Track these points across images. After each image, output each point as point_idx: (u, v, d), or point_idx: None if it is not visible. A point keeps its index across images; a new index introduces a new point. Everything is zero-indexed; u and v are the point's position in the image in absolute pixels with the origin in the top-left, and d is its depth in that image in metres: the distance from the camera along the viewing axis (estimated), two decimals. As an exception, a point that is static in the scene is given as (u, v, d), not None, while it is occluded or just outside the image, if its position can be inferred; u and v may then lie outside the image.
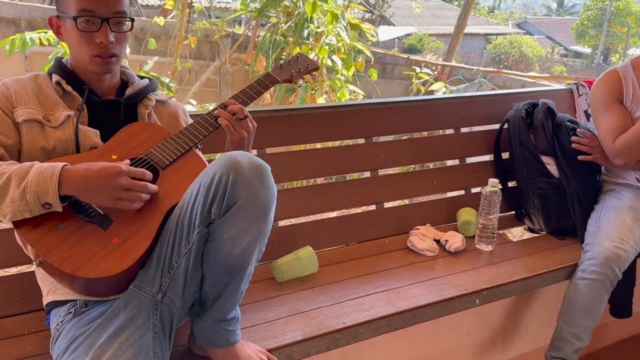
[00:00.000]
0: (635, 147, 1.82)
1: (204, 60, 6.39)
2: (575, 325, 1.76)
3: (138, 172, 1.17)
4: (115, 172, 1.13)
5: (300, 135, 1.89)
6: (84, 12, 1.23)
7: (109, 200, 1.13)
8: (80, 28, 1.24)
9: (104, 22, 1.24)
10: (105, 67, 1.29)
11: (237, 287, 1.19)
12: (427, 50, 18.52)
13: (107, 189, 1.12)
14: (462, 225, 1.99)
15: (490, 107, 2.22)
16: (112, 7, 1.25)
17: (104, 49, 1.26)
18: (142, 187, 1.15)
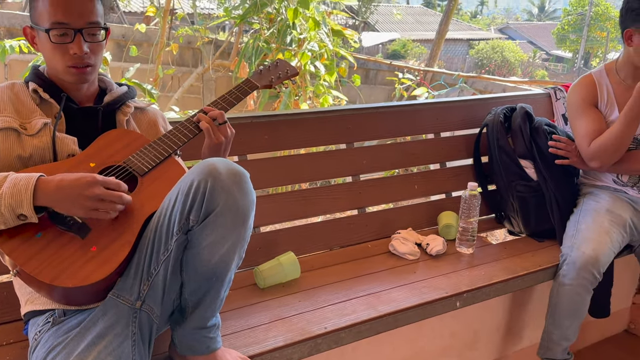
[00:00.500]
0: (609, 150, 1.86)
1: (186, 66, 6.37)
2: (561, 327, 1.81)
3: (113, 183, 1.15)
4: (89, 182, 1.12)
5: (282, 141, 1.89)
6: (57, 25, 1.22)
7: (83, 211, 1.12)
8: (54, 40, 1.23)
9: (77, 33, 1.23)
10: (81, 77, 1.28)
11: (217, 294, 1.19)
12: (411, 55, 18.67)
13: (81, 199, 1.11)
14: (443, 229, 2.01)
15: (469, 112, 2.25)
16: (86, 17, 1.24)
17: (78, 59, 1.25)
18: (117, 198, 1.14)
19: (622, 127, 1.81)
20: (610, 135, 1.84)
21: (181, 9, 5.67)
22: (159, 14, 4.84)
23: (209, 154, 1.36)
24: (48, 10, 1.22)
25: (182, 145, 1.33)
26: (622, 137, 1.82)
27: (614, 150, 1.85)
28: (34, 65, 1.38)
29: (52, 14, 1.22)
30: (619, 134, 1.82)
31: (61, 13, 1.22)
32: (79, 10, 1.24)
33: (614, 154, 1.86)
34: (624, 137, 1.82)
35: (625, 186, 1.98)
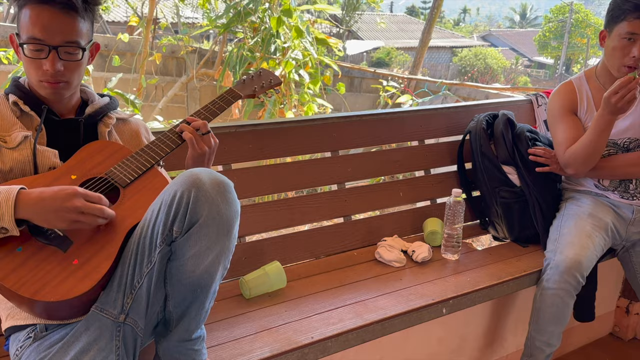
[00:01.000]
0: (580, 159, 1.88)
1: (170, 76, 6.36)
2: (545, 333, 1.82)
3: (94, 196, 1.14)
4: (70, 194, 1.11)
5: (266, 150, 1.89)
6: (32, 40, 1.21)
7: (64, 223, 1.11)
8: (27, 54, 1.22)
9: (52, 51, 1.21)
10: (53, 92, 1.27)
11: (201, 306, 1.18)
12: (395, 63, 18.82)
13: (61, 212, 1.10)
14: (428, 236, 2.02)
15: (452, 119, 2.26)
16: (63, 36, 1.22)
17: (51, 76, 1.23)
18: (98, 211, 1.13)
19: (592, 136, 1.84)
20: (581, 144, 1.87)
21: (164, 18, 5.66)
22: (142, 24, 4.82)
23: (193, 164, 1.35)
24: (27, 23, 1.21)
25: (164, 155, 1.32)
26: (593, 146, 1.84)
27: (585, 159, 1.87)
28: (14, 77, 1.36)
29: (30, 28, 1.21)
30: (590, 143, 1.84)
31: (38, 29, 1.20)
32: (58, 28, 1.21)
33: (586, 162, 1.88)
34: (594, 146, 1.84)
35: (606, 190, 2.00)
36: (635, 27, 1.79)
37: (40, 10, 1.20)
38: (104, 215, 1.14)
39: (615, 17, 1.84)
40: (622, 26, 1.81)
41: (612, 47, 1.86)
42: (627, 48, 1.82)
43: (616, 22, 1.84)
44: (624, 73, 1.83)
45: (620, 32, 1.82)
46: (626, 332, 2.51)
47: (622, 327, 2.52)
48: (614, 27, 1.85)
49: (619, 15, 1.82)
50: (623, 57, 1.83)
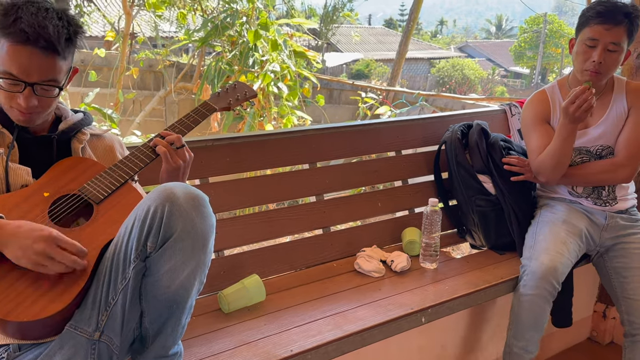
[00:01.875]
0: (548, 167, 1.92)
1: (148, 90, 6.33)
2: (522, 339, 1.83)
3: (69, 244, 1.10)
4: (43, 237, 1.08)
5: (243, 163, 1.89)
6: (8, 75, 1.18)
7: (29, 264, 1.08)
8: (3, 86, 1.19)
9: (28, 87, 1.19)
10: (25, 120, 1.25)
11: (178, 322, 1.17)
12: (374, 74, 18.98)
13: (29, 252, 1.07)
14: (407, 245, 2.03)
15: (428, 130, 2.29)
16: (41, 75, 1.19)
17: (22, 109, 1.21)
18: (69, 261, 1.09)
19: (557, 145, 1.88)
20: (548, 152, 1.91)
21: (141, 32, 5.64)
22: (118, 38, 4.80)
23: (167, 178, 1.35)
24: (4, 57, 1.17)
25: (138, 170, 1.32)
26: (559, 154, 1.88)
27: (552, 166, 1.91)
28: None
29: (7, 63, 1.17)
30: (556, 151, 1.88)
31: (16, 66, 1.17)
32: (36, 67, 1.18)
33: (554, 170, 1.92)
34: (560, 154, 1.88)
35: (580, 197, 2.04)
36: (596, 32, 1.84)
37: (19, 48, 1.16)
38: (74, 266, 1.10)
39: (580, 25, 1.90)
40: (585, 32, 1.87)
41: (576, 53, 1.92)
42: (588, 53, 1.87)
43: (581, 29, 1.90)
44: (587, 77, 1.88)
45: (583, 38, 1.88)
46: (604, 336, 2.55)
47: (600, 332, 2.56)
48: (579, 34, 1.91)
49: (584, 22, 1.88)
50: (584, 61, 1.88)
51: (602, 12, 1.83)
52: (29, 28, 1.15)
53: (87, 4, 8.96)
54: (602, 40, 1.83)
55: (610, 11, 1.82)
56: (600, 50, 1.84)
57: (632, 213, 2.04)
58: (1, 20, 1.17)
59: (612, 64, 1.87)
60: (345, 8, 17.17)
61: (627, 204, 2.03)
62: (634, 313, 1.90)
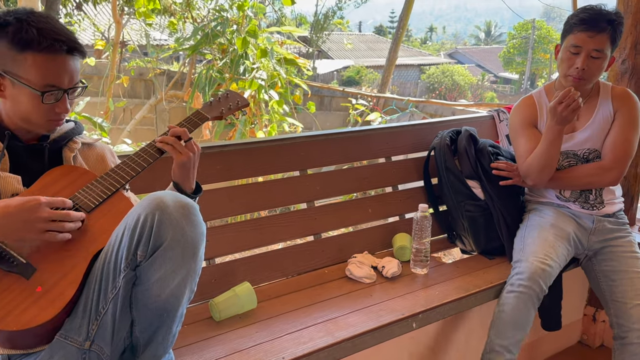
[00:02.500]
0: (536, 170, 1.94)
1: (138, 98, 6.32)
2: (504, 337, 1.81)
3: (58, 201, 1.15)
4: (34, 206, 1.11)
5: (234, 171, 1.90)
6: (51, 87, 1.23)
7: (35, 234, 1.11)
8: (46, 102, 1.23)
9: (64, 94, 1.26)
10: (54, 128, 1.31)
11: (169, 330, 1.17)
12: (365, 81, 19.06)
13: (30, 224, 1.10)
14: (397, 251, 2.04)
15: (418, 136, 2.31)
16: (73, 80, 1.27)
17: (60, 116, 1.27)
18: (65, 216, 1.14)
19: (544, 147, 1.91)
20: (535, 155, 1.94)
21: (132, 41, 5.64)
22: (108, 47, 4.80)
23: (179, 171, 1.36)
24: (42, 71, 1.22)
25: (130, 179, 1.32)
26: (546, 156, 1.91)
27: (540, 169, 1.93)
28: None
29: (46, 77, 1.22)
30: (543, 154, 1.91)
31: (56, 77, 1.23)
32: (69, 72, 1.26)
33: (542, 172, 1.94)
34: (547, 156, 1.91)
35: (567, 201, 2.06)
36: (579, 40, 1.87)
37: (54, 58, 1.22)
38: (71, 218, 1.14)
39: (565, 31, 1.94)
40: (570, 39, 1.90)
41: (561, 59, 1.95)
42: (571, 60, 1.90)
43: (565, 36, 1.93)
44: (570, 82, 1.91)
45: (567, 45, 1.91)
46: (594, 339, 2.57)
47: (590, 335, 2.57)
48: (563, 41, 1.94)
49: (568, 29, 1.92)
50: (568, 68, 1.92)
51: (586, 20, 1.86)
52: (58, 36, 1.22)
53: (77, 12, 8.94)
54: (585, 48, 1.86)
55: (593, 19, 1.85)
56: (583, 57, 1.87)
57: (619, 217, 2.06)
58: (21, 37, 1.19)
59: (595, 70, 1.90)
60: (335, 16, 17.27)
61: (614, 208, 2.06)
62: (623, 316, 1.92)
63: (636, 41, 2.34)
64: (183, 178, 1.37)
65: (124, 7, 5.39)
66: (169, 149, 1.35)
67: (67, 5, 8.02)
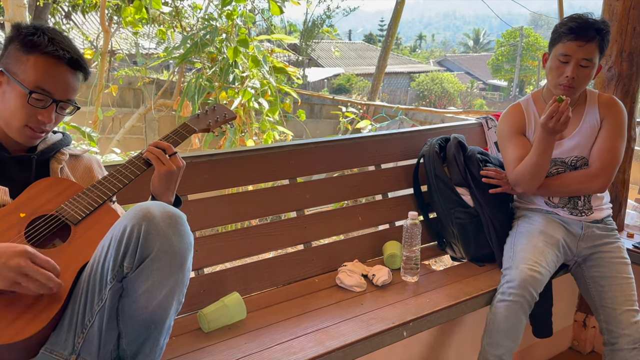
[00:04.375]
0: (527, 178, 1.95)
1: (127, 107, 6.30)
2: (497, 347, 1.82)
3: (43, 260, 1.08)
4: (16, 253, 1.06)
5: (223, 180, 1.89)
6: (41, 90, 1.23)
7: (3, 282, 1.05)
8: (31, 102, 1.23)
9: (53, 103, 1.25)
10: (31, 140, 1.29)
11: (156, 342, 1.16)
12: (355, 89, 19.13)
13: (4, 270, 1.04)
14: (388, 259, 2.04)
15: (407, 144, 2.31)
16: (68, 94, 1.27)
17: (40, 125, 1.26)
18: (43, 277, 1.07)
19: (535, 157, 1.91)
20: (526, 164, 1.94)
21: (120, 50, 5.62)
22: (97, 56, 4.78)
23: (159, 184, 1.34)
24: (38, 73, 1.23)
25: (117, 191, 1.31)
26: (537, 166, 1.92)
27: (530, 177, 1.94)
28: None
29: (42, 79, 1.23)
30: (534, 163, 1.92)
31: (51, 83, 1.24)
32: (66, 85, 1.26)
33: (532, 181, 1.95)
34: (538, 166, 1.92)
35: (556, 207, 2.07)
36: (568, 49, 1.88)
37: (57, 65, 1.24)
38: (49, 283, 1.07)
39: (553, 40, 1.95)
40: (558, 48, 1.91)
41: (550, 68, 1.96)
42: (561, 68, 1.91)
43: (554, 45, 1.94)
44: (560, 91, 1.93)
45: (556, 54, 1.92)
46: (585, 345, 2.57)
47: (581, 341, 2.58)
48: (552, 49, 1.95)
49: (556, 38, 1.93)
50: (558, 76, 1.93)
51: (574, 29, 1.87)
52: (68, 48, 1.26)
53: (66, 21, 8.91)
54: (574, 57, 1.88)
55: (582, 28, 1.87)
56: (573, 66, 1.88)
57: (607, 223, 2.07)
58: (32, 40, 1.23)
59: (584, 78, 1.91)
60: (324, 24, 17.34)
61: (602, 214, 2.07)
62: (613, 322, 1.92)
63: (621, 49, 2.37)
64: (162, 191, 1.35)
65: (112, 16, 5.38)
66: (152, 159, 1.34)
67: (56, 14, 7.99)
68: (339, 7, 17.70)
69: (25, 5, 3.60)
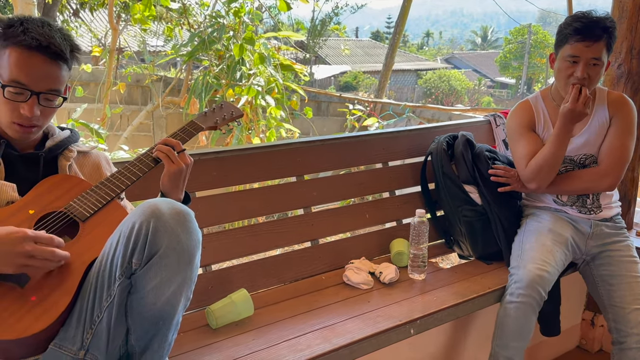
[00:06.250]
0: (544, 170, 1.94)
1: (135, 105, 6.32)
2: (508, 348, 1.82)
3: (45, 238, 1.10)
4: (19, 238, 1.07)
5: (230, 177, 1.89)
6: (15, 83, 1.20)
7: (11, 267, 1.07)
8: (7, 96, 1.20)
9: (33, 96, 1.21)
10: (23, 136, 1.27)
11: (164, 338, 1.16)
12: (362, 86, 19.11)
13: (10, 256, 1.06)
14: (395, 256, 2.03)
15: (414, 141, 2.31)
16: (47, 84, 1.22)
17: (26, 120, 1.23)
18: (49, 254, 1.08)
19: (553, 148, 1.91)
20: (543, 156, 1.93)
21: (128, 47, 5.64)
22: (105, 54, 4.80)
23: (169, 182, 1.34)
24: (12, 65, 1.19)
25: (125, 188, 1.31)
26: (554, 157, 1.91)
27: (548, 169, 1.93)
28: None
29: (15, 71, 1.19)
30: (551, 154, 1.91)
31: (24, 74, 1.19)
32: (43, 74, 1.21)
33: (549, 174, 1.94)
34: (555, 157, 1.91)
35: (564, 205, 2.06)
36: (576, 50, 1.87)
37: (30, 55, 1.19)
38: (55, 258, 1.09)
39: (560, 41, 1.93)
40: (566, 49, 1.90)
41: (558, 69, 1.94)
42: (570, 69, 1.90)
43: (560, 46, 1.92)
44: None
45: (564, 55, 1.91)
46: (593, 344, 2.56)
47: (589, 340, 2.57)
48: (559, 50, 1.94)
49: (562, 39, 1.91)
50: (567, 77, 1.91)
51: (581, 29, 1.85)
52: (40, 36, 1.19)
53: (74, 19, 8.95)
54: (583, 57, 1.86)
55: (588, 28, 1.84)
56: (582, 66, 1.87)
57: (616, 221, 2.06)
58: (7, 32, 1.20)
59: (594, 77, 1.90)
60: (332, 21, 17.33)
61: (611, 212, 2.05)
62: (621, 321, 1.91)
63: (631, 46, 2.35)
64: (171, 189, 1.36)
65: (120, 14, 5.40)
66: (162, 157, 1.34)
67: (64, 12, 8.03)
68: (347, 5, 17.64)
69: (34, 3, 3.61)
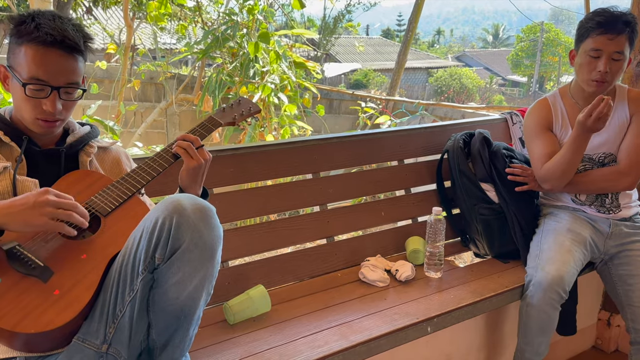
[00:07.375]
0: (558, 173, 1.93)
1: (149, 102, 6.35)
2: (533, 344, 1.86)
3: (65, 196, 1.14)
4: (41, 192, 1.11)
5: (247, 174, 1.90)
6: (35, 80, 1.21)
7: (42, 218, 1.09)
8: (29, 94, 1.22)
9: (53, 91, 1.23)
10: (48, 130, 1.28)
11: (185, 333, 1.17)
12: (373, 84, 19.05)
13: (37, 208, 1.08)
14: (410, 254, 2.03)
15: (430, 139, 2.30)
16: (65, 78, 1.23)
17: (49, 115, 1.24)
18: (72, 206, 1.12)
19: (568, 154, 1.89)
20: (557, 161, 1.92)
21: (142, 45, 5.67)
22: (119, 51, 4.83)
23: (188, 177, 1.35)
24: (30, 63, 1.20)
25: (145, 184, 1.32)
26: (569, 163, 1.90)
27: (561, 174, 1.92)
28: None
29: (33, 69, 1.20)
30: (566, 160, 1.90)
31: (43, 70, 1.21)
32: (61, 69, 1.22)
33: (562, 178, 1.93)
34: (570, 163, 1.90)
35: (583, 205, 2.05)
36: (599, 43, 1.85)
37: (45, 51, 1.20)
38: (77, 210, 1.12)
39: (581, 36, 1.91)
40: (588, 43, 1.88)
41: (580, 64, 1.93)
42: (592, 64, 1.88)
43: (582, 40, 1.91)
44: (593, 87, 1.90)
45: (586, 49, 1.89)
46: (608, 344, 2.54)
47: (604, 340, 2.55)
48: (580, 45, 1.92)
49: (584, 33, 1.90)
50: (590, 72, 1.90)
51: (603, 23, 1.84)
52: (54, 31, 1.20)
53: (88, 16, 9.01)
54: (606, 50, 1.85)
55: (610, 21, 1.84)
56: (605, 60, 1.85)
57: (635, 220, 2.04)
58: (20, 29, 1.21)
59: (617, 72, 1.88)
60: (344, 19, 17.29)
61: (630, 212, 2.03)
62: (639, 320, 1.90)
63: (651, 43, 2.32)
64: (190, 184, 1.37)
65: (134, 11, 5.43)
66: (181, 153, 1.35)
67: (78, 9, 8.08)
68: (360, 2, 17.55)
69: (49, 0, 3.64)
